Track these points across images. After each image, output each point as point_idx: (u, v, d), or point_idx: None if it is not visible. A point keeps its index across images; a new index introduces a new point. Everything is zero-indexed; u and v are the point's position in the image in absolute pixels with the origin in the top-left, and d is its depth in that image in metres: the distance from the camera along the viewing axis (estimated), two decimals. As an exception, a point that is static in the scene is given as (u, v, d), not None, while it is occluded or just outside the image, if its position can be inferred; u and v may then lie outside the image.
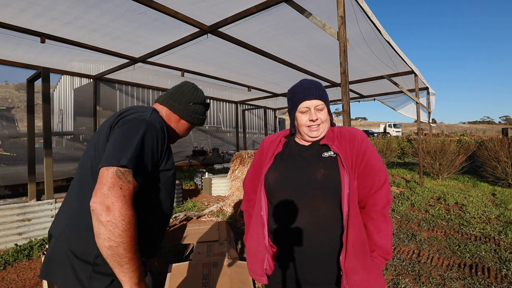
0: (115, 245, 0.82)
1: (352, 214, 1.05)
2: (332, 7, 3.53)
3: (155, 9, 3.69)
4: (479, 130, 51.86)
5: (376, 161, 1.13)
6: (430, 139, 10.14)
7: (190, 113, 1.24)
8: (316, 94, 1.16)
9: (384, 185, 1.12)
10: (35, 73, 4.25)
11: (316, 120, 1.15)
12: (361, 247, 1.05)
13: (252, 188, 1.33)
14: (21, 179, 6.04)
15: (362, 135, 1.17)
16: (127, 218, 0.83)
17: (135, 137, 0.92)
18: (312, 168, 1.12)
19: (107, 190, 0.83)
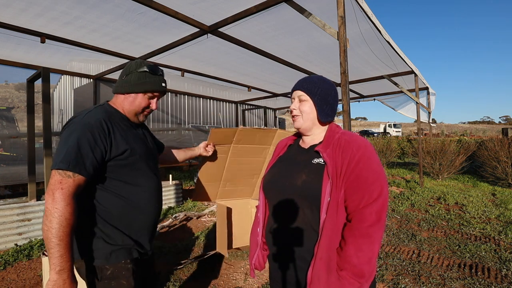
0: (46, 229, 0.99)
1: (327, 224, 1.00)
2: (332, 7, 3.52)
3: (155, 9, 3.68)
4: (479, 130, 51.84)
5: (370, 173, 1.02)
6: (430, 139, 10.14)
7: (125, 85, 1.27)
8: (302, 86, 1.17)
9: (376, 200, 1.00)
10: (35, 73, 4.25)
11: (294, 110, 1.18)
12: (327, 261, 0.99)
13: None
14: (21, 179, 6.03)
15: (358, 143, 1.07)
16: (60, 208, 1.00)
17: (68, 140, 1.09)
18: (296, 173, 1.13)
19: (51, 185, 1.03)
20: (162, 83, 1.31)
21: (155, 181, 1.32)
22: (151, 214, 1.29)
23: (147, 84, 1.27)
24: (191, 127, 10.64)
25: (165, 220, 4.72)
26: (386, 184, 1.06)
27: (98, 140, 1.12)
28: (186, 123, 10.40)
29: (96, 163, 1.11)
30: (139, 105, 1.28)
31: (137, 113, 1.31)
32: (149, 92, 1.29)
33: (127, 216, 1.21)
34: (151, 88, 1.28)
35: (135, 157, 1.21)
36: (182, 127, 10.41)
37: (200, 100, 10.71)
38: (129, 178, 1.21)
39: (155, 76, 1.29)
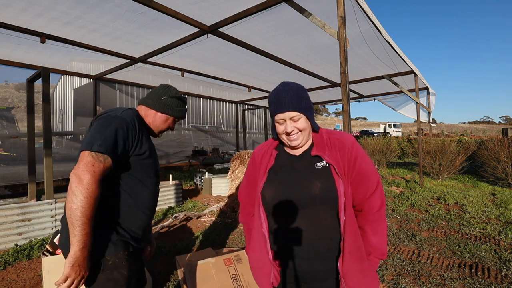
0: (75, 207, 1.06)
1: (348, 222, 1.09)
2: (332, 7, 3.52)
3: (155, 9, 3.69)
4: (479, 130, 51.85)
5: (367, 165, 1.15)
6: (430, 139, 10.14)
7: (163, 106, 1.45)
8: (290, 106, 1.11)
9: (377, 187, 1.15)
10: (35, 73, 4.25)
11: (291, 132, 1.13)
12: (358, 253, 1.10)
13: (248, 201, 1.33)
14: (21, 179, 6.03)
15: (351, 141, 1.17)
16: (91, 189, 1.08)
17: (107, 129, 1.19)
18: (307, 182, 1.12)
19: (83, 166, 1.10)
20: (185, 112, 1.59)
21: (157, 187, 1.46)
22: (150, 216, 1.41)
23: (181, 111, 1.53)
24: (191, 127, 10.65)
25: (165, 220, 4.72)
26: (377, 172, 1.22)
27: (130, 136, 1.25)
28: (186, 123, 10.40)
29: (123, 153, 1.23)
30: (168, 125, 1.51)
31: (162, 130, 1.52)
32: (174, 118, 1.53)
33: (132, 214, 1.30)
34: (178, 116, 1.53)
35: (150, 160, 1.37)
36: (182, 127, 10.41)
37: (200, 100, 10.71)
38: (143, 177, 1.33)
39: (184, 109, 1.56)
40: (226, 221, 4.73)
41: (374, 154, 11.92)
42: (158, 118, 1.47)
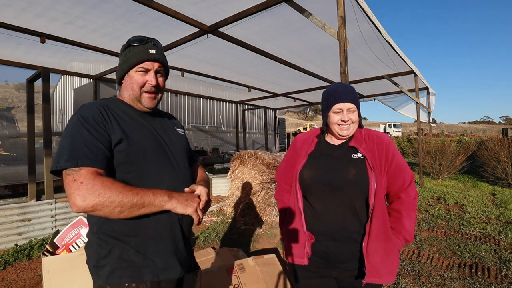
0: (118, 211, 0.89)
1: (377, 206, 1.23)
2: (332, 7, 3.52)
3: (155, 9, 3.69)
4: (479, 130, 51.85)
5: (403, 161, 1.32)
6: (430, 139, 10.14)
7: (118, 70, 1.13)
8: (349, 98, 1.27)
9: (412, 180, 1.32)
10: (35, 73, 4.25)
11: (347, 120, 1.27)
12: (383, 234, 1.24)
13: (284, 179, 1.48)
14: (21, 179, 6.03)
15: (388, 139, 1.33)
16: (98, 192, 0.87)
17: (66, 137, 0.96)
18: (344, 168, 1.28)
19: (67, 191, 0.89)
20: (149, 49, 1.08)
21: (171, 182, 1.08)
22: (165, 221, 1.03)
23: (131, 58, 1.08)
24: (191, 127, 10.64)
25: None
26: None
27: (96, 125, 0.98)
28: (186, 123, 10.40)
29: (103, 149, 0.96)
30: (132, 86, 1.09)
31: (137, 97, 1.10)
32: (135, 66, 1.07)
33: (133, 221, 0.98)
34: (135, 60, 1.07)
35: (135, 149, 1.02)
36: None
37: (200, 100, 10.70)
38: (131, 176, 1.01)
39: (138, 46, 1.09)
40: (226, 221, 4.73)
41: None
42: (124, 88, 1.12)
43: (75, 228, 2.32)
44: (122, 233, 1.00)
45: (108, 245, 0.99)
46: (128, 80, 1.10)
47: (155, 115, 1.20)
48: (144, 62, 1.07)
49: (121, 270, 0.98)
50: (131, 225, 0.99)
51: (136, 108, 1.13)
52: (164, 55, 1.15)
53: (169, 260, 1.03)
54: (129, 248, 0.99)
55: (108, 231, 1.00)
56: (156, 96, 1.13)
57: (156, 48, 1.10)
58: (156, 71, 1.10)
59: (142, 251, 1.00)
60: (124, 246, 0.99)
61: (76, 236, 2.28)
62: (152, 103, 1.12)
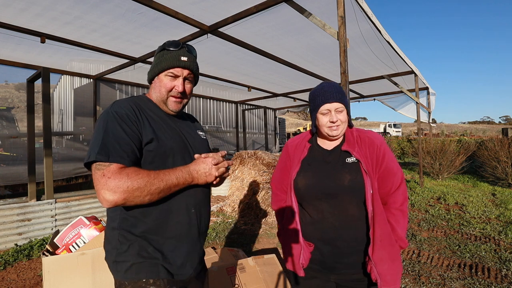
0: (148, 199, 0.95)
1: (377, 212, 1.19)
2: (332, 7, 3.52)
3: (155, 9, 3.68)
4: (479, 130, 51.84)
5: (393, 163, 1.26)
6: (430, 139, 10.14)
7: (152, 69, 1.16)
8: (336, 97, 1.24)
9: (401, 184, 1.26)
10: (35, 73, 4.25)
11: (336, 121, 1.24)
12: (388, 240, 1.20)
13: (280, 188, 1.44)
14: (21, 179, 6.03)
15: (380, 140, 1.29)
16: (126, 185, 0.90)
17: (99, 131, 0.99)
18: (338, 174, 1.24)
19: (96, 186, 0.92)
20: (181, 56, 1.11)
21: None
22: (186, 223, 1.08)
23: (162, 62, 1.11)
24: (191, 127, 10.62)
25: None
26: (401, 169, 1.31)
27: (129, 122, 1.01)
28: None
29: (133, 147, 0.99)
30: (160, 89, 1.12)
31: (164, 100, 1.13)
32: (166, 71, 1.11)
33: (155, 220, 1.03)
34: (166, 65, 1.10)
35: (164, 150, 1.06)
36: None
37: (200, 100, 10.70)
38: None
39: (171, 52, 1.12)
40: (226, 221, 4.73)
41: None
42: (152, 89, 1.15)
43: (75, 228, 2.32)
44: (143, 230, 1.02)
45: (128, 241, 1.02)
46: (158, 83, 1.13)
47: (180, 117, 1.23)
48: (175, 68, 1.11)
49: (139, 265, 1.01)
50: (152, 224, 1.03)
51: (163, 109, 1.16)
52: (196, 63, 1.18)
53: (185, 260, 1.07)
54: (148, 245, 1.02)
55: (128, 227, 1.03)
56: (182, 101, 1.16)
57: (188, 56, 1.14)
58: (185, 78, 1.14)
59: (161, 249, 1.03)
60: (143, 243, 1.02)
61: (76, 236, 2.28)
62: (178, 107, 1.15)
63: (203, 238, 1.18)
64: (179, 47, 1.12)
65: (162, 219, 1.03)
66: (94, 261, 1.96)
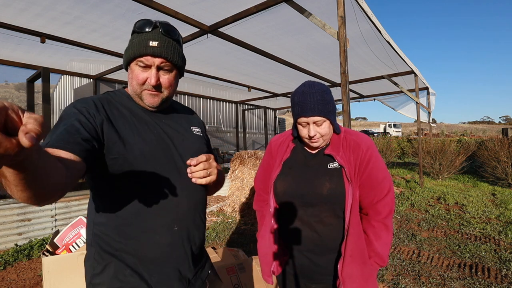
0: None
1: (352, 224, 1.09)
2: (332, 7, 3.52)
3: (155, 9, 3.69)
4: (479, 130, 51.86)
5: (379, 171, 1.13)
6: (430, 139, 10.14)
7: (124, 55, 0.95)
8: (315, 110, 1.08)
9: (387, 195, 1.13)
10: (35, 73, 4.26)
11: (314, 136, 1.11)
12: (360, 255, 1.09)
13: (263, 188, 1.35)
14: (21, 179, 6.03)
15: (367, 144, 1.15)
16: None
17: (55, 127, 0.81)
18: (318, 181, 1.14)
19: None
20: (149, 41, 0.87)
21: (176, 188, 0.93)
22: (166, 244, 0.90)
23: (130, 48, 0.90)
24: (191, 127, 10.63)
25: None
26: (391, 178, 1.18)
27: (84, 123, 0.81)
28: (186, 123, 10.38)
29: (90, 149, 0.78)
30: (131, 81, 0.92)
31: (138, 94, 0.93)
32: (134, 60, 0.90)
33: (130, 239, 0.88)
34: (133, 52, 0.89)
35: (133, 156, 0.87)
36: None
37: (200, 100, 10.70)
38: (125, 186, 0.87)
39: (140, 35, 0.89)
40: (226, 221, 4.73)
41: (374, 154, 11.91)
42: (128, 79, 0.95)
43: (75, 228, 2.32)
44: (118, 248, 0.88)
45: (104, 261, 0.89)
46: (130, 74, 0.93)
47: (167, 112, 1.03)
48: (143, 56, 0.88)
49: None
50: (127, 241, 0.88)
51: (140, 105, 0.97)
52: (174, 47, 0.93)
53: (170, 285, 0.91)
54: (125, 266, 0.88)
55: (102, 245, 0.89)
56: (159, 94, 0.94)
57: (161, 39, 0.89)
58: (159, 67, 0.90)
59: (140, 273, 0.88)
60: (120, 264, 0.88)
61: (76, 236, 2.29)
62: (155, 101, 0.94)
63: (195, 258, 0.99)
64: (151, 28, 0.89)
65: (136, 238, 0.87)
66: (94, 261, 1.96)
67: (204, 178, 0.93)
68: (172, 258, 0.92)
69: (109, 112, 0.89)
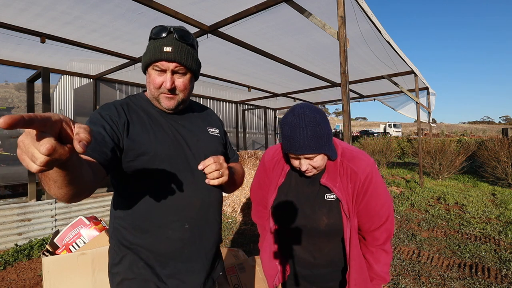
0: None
1: (353, 254, 1.09)
2: (332, 7, 3.52)
3: (155, 9, 3.68)
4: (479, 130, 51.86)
5: (377, 200, 1.08)
6: (430, 139, 10.14)
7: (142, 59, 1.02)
8: (306, 149, 0.98)
9: (385, 222, 1.09)
10: (35, 73, 4.26)
11: (306, 169, 1.05)
12: (364, 284, 1.10)
13: (260, 203, 1.32)
14: (21, 179, 6.03)
15: (365, 173, 1.06)
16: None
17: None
18: (316, 215, 1.11)
19: None
20: (163, 47, 0.93)
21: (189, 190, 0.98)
22: (177, 239, 0.96)
23: (147, 54, 0.96)
24: (191, 127, 10.62)
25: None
26: (392, 204, 1.15)
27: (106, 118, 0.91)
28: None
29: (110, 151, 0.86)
30: (149, 86, 0.99)
31: (155, 97, 0.99)
32: (151, 65, 0.96)
33: (144, 233, 0.95)
34: (149, 57, 0.95)
35: (148, 157, 0.93)
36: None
37: (200, 100, 10.70)
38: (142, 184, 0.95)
39: (155, 41, 0.95)
40: (226, 221, 4.73)
41: (374, 154, 11.91)
42: (146, 82, 1.01)
43: (75, 228, 2.32)
44: (134, 242, 0.96)
45: (121, 252, 0.97)
46: (148, 78, 0.99)
47: (183, 113, 1.07)
48: (158, 61, 0.94)
49: (129, 282, 0.95)
50: (141, 237, 0.95)
51: (157, 107, 1.03)
52: (188, 52, 0.97)
53: (181, 282, 0.97)
54: (139, 259, 0.95)
55: (120, 238, 0.97)
56: (175, 97, 0.99)
57: (175, 44, 0.94)
58: (174, 71, 0.95)
59: (152, 266, 0.95)
60: (135, 257, 0.95)
61: (76, 236, 2.28)
62: (171, 104, 0.99)
63: (208, 256, 1.03)
64: (165, 34, 0.94)
65: (149, 233, 0.95)
66: (94, 261, 1.96)
67: (217, 179, 0.96)
68: (184, 254, 0.97)
69: (129, 116, 0.97)
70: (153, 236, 0.95)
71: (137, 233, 0.95)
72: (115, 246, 0.99)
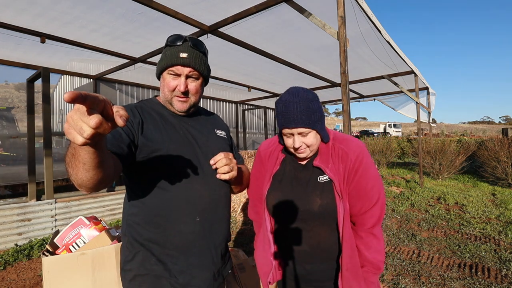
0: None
1: (345, 237, 1.08)
2: (332, 7, 3.52)
3: (155, 9, 3.68)
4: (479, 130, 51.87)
5: (367, 180, 1.09)
6: (430, 139, 10.14)
7: (157, 66, 1.11)
8: (299, 122, 1.04)
9: (375, 204, 1.09)
10: (35, 73, 4.26)
11: (299, 147, 1.08)
12: (356, 269, 1.08)
13: (257, 197, 1.32)
14: (21, 179, 6.03)
15: (356, 153, 1.09)
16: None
17: None
18: (309, 197, 1.12)
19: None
20: (180, 53, 1.02)
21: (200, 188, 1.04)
22: (188, 233, 1.01)
23: (163, 59, 1.05)
24: (191, 127, 10.62)
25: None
26: (382, 187, 1.15)
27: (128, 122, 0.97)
28: (186, 123, 10.37)
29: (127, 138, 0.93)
30: (163, 89, 1.06)
31: (169, 100, 1.07)
32: (167, 69, 1.04)
33: (156, 228, 0.99)
34: (166, 63, 1.03)
35: (160, 153, 0.99)
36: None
37: (200, 100, 10.70)
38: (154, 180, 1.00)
39: (172, 48, 1.05)
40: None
41: (374, 154, 11.91)
42: (160, 86, 1.10)
43: (75, 228, 2.32)
44: (147, 238, 0.99)
45: (134, 249, 1.01)
46: (162, 82, 1.07)
47: (193, 116, 1.16)
48: (174, 66, 1.02)
49: (141, 277, 0.98)
50: (153, 232, 0.99)
51: (170, 110, 1.10)
52: (202, 58, 1.07)
53: (192, 276, 1.00)
54: (151, 255, 0.99)
55: (134, 234, 1.01)
56: (188, 100, 1.07)
57: (190, 51, 1.04)
58: (188, 76, 1.04)
59: (164, 261, 0.98)
60: (147, 253, 0.99)
61: (76, 236, 2.28)
62: (184, 107, 1.07)
63: (217, 251, 1.08)
64: (181, 42, 1.04)
65: (162, 227, 0.99)
66: (94, 261, 1.96)
67: (227, 174, 1.04)
68: (196, 248, 1.01)
69: (143, 116, 1.04)
70: (167, 230, 0.99)
71: (151, 228, 0.99)
72: (127, 243, 1.03)
